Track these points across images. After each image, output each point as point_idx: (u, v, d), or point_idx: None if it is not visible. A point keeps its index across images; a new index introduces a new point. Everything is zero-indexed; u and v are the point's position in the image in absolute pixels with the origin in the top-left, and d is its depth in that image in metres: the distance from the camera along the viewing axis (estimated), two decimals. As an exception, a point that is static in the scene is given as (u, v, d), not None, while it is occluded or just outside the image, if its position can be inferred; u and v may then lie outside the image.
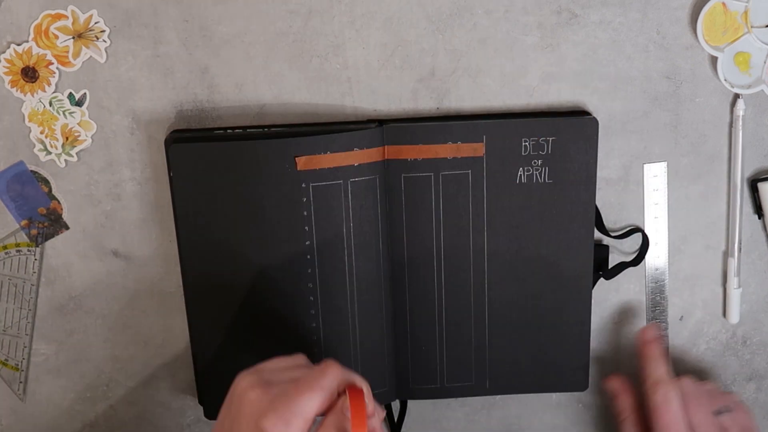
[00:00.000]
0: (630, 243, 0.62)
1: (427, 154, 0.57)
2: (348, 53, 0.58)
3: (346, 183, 0.57)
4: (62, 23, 0.57)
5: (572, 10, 0.57)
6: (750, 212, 0.62)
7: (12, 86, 0.58)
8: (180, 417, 0.66)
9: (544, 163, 0.57)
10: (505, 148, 0.57)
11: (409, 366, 0.62)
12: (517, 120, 0.57)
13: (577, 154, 0.57)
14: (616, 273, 0.62)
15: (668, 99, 0.59)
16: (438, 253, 0.59)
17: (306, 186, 0.57)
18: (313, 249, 0.58)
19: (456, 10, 0.57)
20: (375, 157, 0.57)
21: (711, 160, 0.61)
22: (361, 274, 0.59)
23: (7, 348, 0.64)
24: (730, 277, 0.63)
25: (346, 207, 0.57)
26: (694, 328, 0.65)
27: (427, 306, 0.60)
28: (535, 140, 0.57)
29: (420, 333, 0.61)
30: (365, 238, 0.58)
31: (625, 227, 0.62)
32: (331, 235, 0.58)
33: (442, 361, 0.62)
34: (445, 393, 0.63)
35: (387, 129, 0.57)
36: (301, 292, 0.59)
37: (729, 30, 0.56)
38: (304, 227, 0.57)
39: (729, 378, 0.66)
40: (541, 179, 0.58)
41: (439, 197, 0.58)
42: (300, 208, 0.57)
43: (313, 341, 0.60)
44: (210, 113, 0.59)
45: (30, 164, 0.60)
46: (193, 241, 0.58)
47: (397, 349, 0.61)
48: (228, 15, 0.57)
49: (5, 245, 0.62)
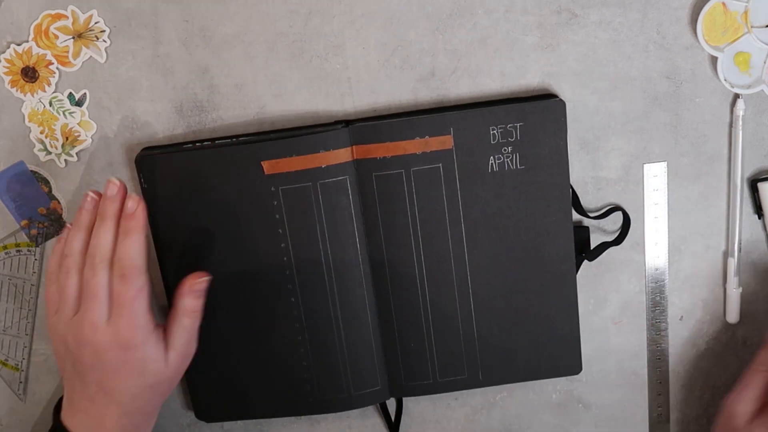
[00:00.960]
0: (611, 222, 0.62)
1: (395, 151, 0.57)
2: (348, 53, 0.58)
3: (316, 185, 0.57)
4: (62, 23, 0.57)
5: (572, 10, 0.57)
6: (750, 212, 0.62)
7: (12, 86, 0.58)
8: (179, 417, 0.66)
9: (514, 150, 0.57)
10: (473, 138, 0.56)
11: (399, 364, 0.62)
12: (483, 109, 0.57)
13: (547, 137, 0.57)
14: (599, 253, 0.61)
15: (668, 99, 0.59)
16: (417, 249, 0.59)
17: (275, 190, 0.57)
18: (289, 252, 0.58)
19: (456, 10, 0.57)
20: (343, 158, 0.57)
21: (711, 160, 0.61)
22: (341, 274, 0.59)
23: (7, 348, 0.64)
24: (730, 277, 0.63)
25: (318, 209, 0.57)
26: (694, 328, 0.65)
27: (412, 302, 0.60)
28: (503, 127, 0.56)
29: (407, 330, 0.61)
30: (341, 238, 0.58)
31: (603, 207, 0.61)
32: (305, 237, 0.58)
33: (432, 356, 0.62)
34: (439, 388, 0.63)
35: (353, 129, 0.56)
36: (281, 296, 0.59)
37: (729, 30, 0.56)
38: (277, 230, 0.58)
39: (729, 378, 0.66)
40: (513, 166, 0.57)
41: (412, 193, 0.58)
42: (272, 212, 0.57)
43: (299, 344, 0.61)
44: (210, 113, 0.59)
45: (30, 164, 0.60)
46: (172, 251, 0.59)
47: (386, 348, 0.61)
48: (228, 15, 0.57)
49: (5, 245, 0.62)
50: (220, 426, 0.66)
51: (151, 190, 0.57)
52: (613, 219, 0.61)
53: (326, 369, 0.61)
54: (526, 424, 0.67)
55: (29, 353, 0.64)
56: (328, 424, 0.66)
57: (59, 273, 0.54)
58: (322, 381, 0.62)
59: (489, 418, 0.67)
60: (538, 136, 0.57)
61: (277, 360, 0.61)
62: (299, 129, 0.58)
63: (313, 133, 0.56)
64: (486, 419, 0.67)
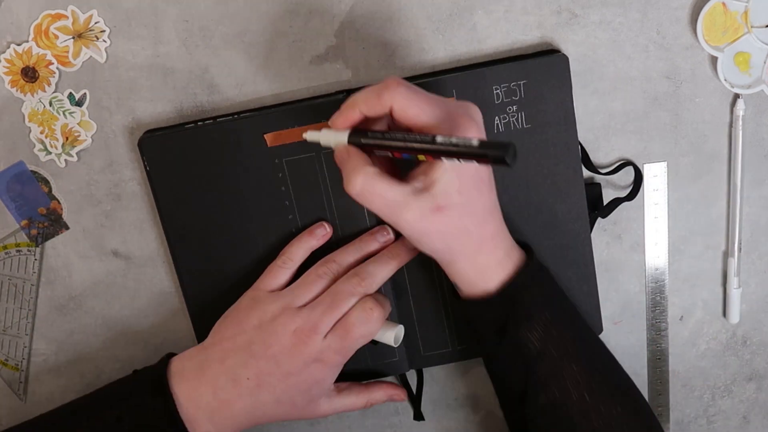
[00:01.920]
0: (622, 178, 0.61)
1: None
2: (348, 53, 0.58)
3: (320, 155, 0.57)
4: (62, 23, 0.57)
5: (572, 10, 0.57)
6: (750, 212, 0.62)
7: (12, 86, 0.58)
8: (180, 417, 0.66)
9: (519, 109, 0.56)
10: (476, 98, 0.55)
11: (417, 334, 0.61)
12: (485, 68, 0.56)
13: (552, 94, 0.56)
14: (612, 209, 0.60)
15: (668, 99, 0.59)
16: None
17: (279, 162, 0.57)
18: (297, 223, 0.58)
19: (456, 10, 0.57)
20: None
21: (711, 160, 0.61)
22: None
23: (7, 348, 0.64)
24: (730, 277, 0.63)
25: (323, 179, 0.57)
26: (694, 328, 0.65)
27: (426, 270, 0.60)
28: (507, 86, 0.56)
29: (423, 299, 0.61)
30: (349, 208, 0.58)
31: (613, 162, 0.61)
32: (312, 207, 0.58)
33: (449, 324, 0.61)
34: (458, 356, 0.62)
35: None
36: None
37: (729, 30, 0.56)
38: (284, 202, 0.58)
39: (729, 378, 0.66)
40: (519, 125, 0.57)
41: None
42: (278, 184, 0.57)
43: None
44: (210, 113, 0.59)
45: (30, 164, 0.60)
46: (181, 233, 0.59)
47: (402, 319, 0.61)
48: (228, 15, 0.57)
49: (5, 245, 0.62)
50: (220, 426, 0.66)
51: (155, 172, 0.57)
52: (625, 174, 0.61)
53: None
54: (526, 424, 0.67)
55: (29, 353, 0.64)
56: (328, 424, 0.66)
57: (317, 268, 0.55)
58: None
59: (489, 418, 0.67)
60: (542, 93, 0.56)
61: None
62: (300, 101, 0.58)
63: (314, 102, 0.56)
64: (486, 419, 0.67)
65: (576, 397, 0.50)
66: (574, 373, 0.50)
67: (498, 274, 0.51)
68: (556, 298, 0.53)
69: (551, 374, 0.51)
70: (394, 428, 0.67)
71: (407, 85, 0.47)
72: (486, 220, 0.50)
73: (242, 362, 0.54)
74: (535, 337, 0.51)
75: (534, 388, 0.51)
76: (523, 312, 0.51)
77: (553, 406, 0.51)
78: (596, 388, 0.51)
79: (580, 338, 0.52)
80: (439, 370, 0.65)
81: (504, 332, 0.51)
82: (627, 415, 0.51)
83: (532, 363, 0.51)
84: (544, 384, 0.51)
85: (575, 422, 0.50)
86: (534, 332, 0.51)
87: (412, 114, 0.46)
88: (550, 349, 0.51)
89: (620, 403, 0.51)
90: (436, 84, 0.56)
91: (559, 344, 0.51)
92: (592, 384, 0.51)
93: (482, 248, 0.50)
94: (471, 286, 0.52)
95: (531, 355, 0.51)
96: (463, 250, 0.50)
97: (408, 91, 0.47)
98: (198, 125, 0.57)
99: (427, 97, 0.47)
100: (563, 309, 0.53)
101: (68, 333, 0.63)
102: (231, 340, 0.54)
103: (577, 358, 0.51)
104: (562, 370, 0.51)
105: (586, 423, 0.50)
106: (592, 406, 0.50)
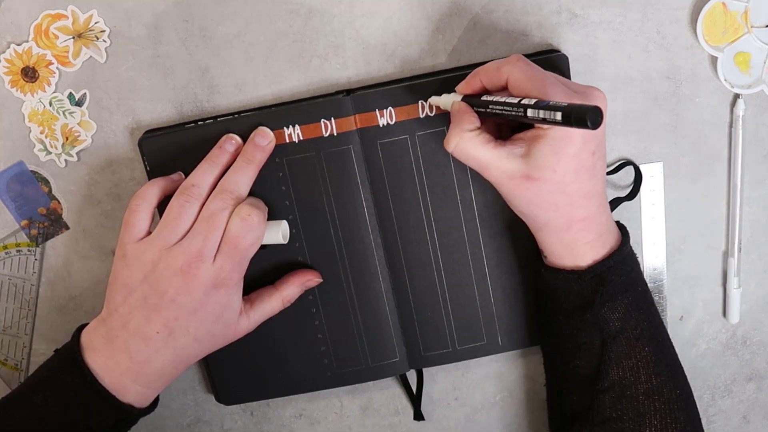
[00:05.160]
0: (623, 178, 0.61)
1: (399, 117, 0.57)
2: (348, 53, 0.58)
3: (320, 155, 0.57)
4: (62, 23, 0.57)
5: (572, 10, 0.57)
6: (750, 212, 0.62)
7: (12, 86, 0.58)
8: (180, 417, 0.66)
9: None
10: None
11: (417, 334, 0.61)
12: None
13: None
14: (612, 209, 0.60)
15: (668, 99, 0.59)
16: (427, 216, 0.59)
17: (280, 161, 0.57)
18: (297, 222, 0.58)
19: (456, 10, 0.57)
20: (346, 127, 0.56)
21: (711, 160, 0.61)
22: (352, 244, 0.59)
23: (7, 348, 0.64)
24: (730, 277, 0.63)
25: (324, 179, 0.57)
26: (694, 328, 0.65)
27: (425, 270, 0.60)
28: None
29: (423, 299, 0.61)
30: (349, 208, 0.58)
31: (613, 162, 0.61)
32: (312, 207, 0.58)
33: (450, 324, 0.61)
34: (459, 356, 0.62)
35: (355, 97, 0.56)
36: (293, 268, 0.59)
37: (729, 30, 0.56)
38: (284, 202, 0.58)
39: (729, 378, 0.66)
40: None
41: (418, 158, 0.57)
42: (277, 184, 0.58)
43: (313, 317, 0.61)
44: (210, 113, 0.59)
45: (30, 164, 0.60)
46: None
47: (402, 318, 0.61)
48: (228, 15, 0.57)
49: (5, 245, 0.62)
50: (220, 426, 0.66)
51: (155, 172, 0.57)
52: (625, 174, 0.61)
53: (342, 342, 0.61)
54: (526, 424, 0.67)
55: (29, 353, 0.64)
56: (328, 425, 0.67)
57: (178, 198, 0.54)
58: (339, 354, 0.61)
59: (489, 418, 0.67)
60: None
61: (293, 335, 0.61)
62: (300, 101, 0.58)
63: (315, 102, 0.56)
64: (486, 419, 0.67)
65: (644, 377, 0.53)
66: (646, 354, 0.53)
67: (588, 253, 0.53)
68: (639, 285, 0.55)
69: (625, 354, 0.53)
70: (394, 428, 0.67)
71: (526, 61, 0.50)
72: (579, 203, 0.51)
73: (145, 319, 0.53)
74: (615, 317, 0.53)
75: (606, 365, 0.53)
76: (610, 292, 0.53)
77: (621, 385, 0.53)
78: (662, 372, 0.53)
79: (654, 324, 0.54)
80: (439, 370, 0.65)
81: (588, 307, 0.53)
82: (684, 400, 0.54)
83: (608, 340, 0.53)
84: (617, 362, 0.53)
85: (640, 401, 0.52)
86: (615, 312, 0.53)
87: (525, 88, 0.48)
88: (627, 330, 0.53)
89: (680, 387, 0.54)
90: (437, 84, 0.56)
91: (636, 327, 0.53)
92: (659, 367, 0.53)
93: (571, 227, 0.52)
94: (559, 258, 0.54)
95: (610, 333, 0.53)
96: (548, 224, 0.52)
97: (526, 66, 0.49)
98: (198, 125, 0.57)
99: (542, 74, 0.49)
100: (644, 295, 0.55)
101: (68, 333, 0.63)
102: (125, 304, 0.53)
103: (650, 341, 0.53)
104: (635, 350, 0.53)
105: (649, 403, 0.52)
106: (657, 388, 0.53)
